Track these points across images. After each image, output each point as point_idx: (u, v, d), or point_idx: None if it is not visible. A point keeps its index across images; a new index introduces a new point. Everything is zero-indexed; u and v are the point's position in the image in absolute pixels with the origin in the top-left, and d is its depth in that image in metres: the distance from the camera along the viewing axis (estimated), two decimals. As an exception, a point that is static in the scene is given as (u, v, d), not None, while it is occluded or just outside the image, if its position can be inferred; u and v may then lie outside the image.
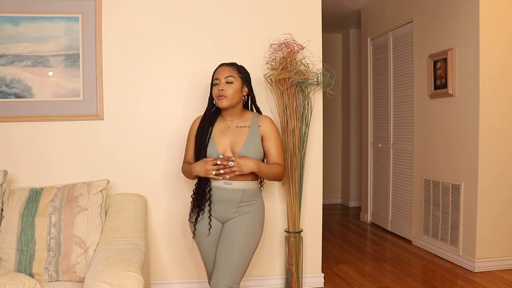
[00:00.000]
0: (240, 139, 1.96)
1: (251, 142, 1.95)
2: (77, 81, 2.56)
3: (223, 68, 2.01)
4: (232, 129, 2.00)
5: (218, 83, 1.98)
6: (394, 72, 4.30)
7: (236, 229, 1.93)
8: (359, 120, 5.77)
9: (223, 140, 1.97)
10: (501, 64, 3.12)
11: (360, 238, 4.25)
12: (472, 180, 3.17)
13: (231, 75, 1.98)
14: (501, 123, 3.14)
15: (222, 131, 2.00)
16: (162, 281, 2.69)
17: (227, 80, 1.97)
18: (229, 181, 1.92)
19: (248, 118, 2.04)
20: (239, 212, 1.96)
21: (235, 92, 1.97)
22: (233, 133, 1.98)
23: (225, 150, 1.95)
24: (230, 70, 1.99)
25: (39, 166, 2.54)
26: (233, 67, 2.03)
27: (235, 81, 1.98)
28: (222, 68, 2.02)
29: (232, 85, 1.97)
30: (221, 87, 1.95)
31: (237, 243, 1.90)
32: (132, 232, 2.00)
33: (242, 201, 1.95)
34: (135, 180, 2.63)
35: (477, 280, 2.98)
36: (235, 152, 1.94)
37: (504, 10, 3.11)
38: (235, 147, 1.95)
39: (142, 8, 2.63)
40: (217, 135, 1.98)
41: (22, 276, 1.66)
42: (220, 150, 1.94)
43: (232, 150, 1.95)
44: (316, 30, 2.77)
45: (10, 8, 2.49)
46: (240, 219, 1.95)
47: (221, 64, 2.06)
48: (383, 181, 4.54)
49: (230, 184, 1.92)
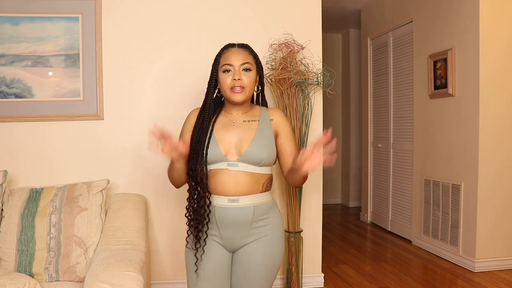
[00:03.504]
0: (248, 135, 1.55)
1: (261, 139, 1.55)
2: (77, 81, 2.56)
3: (236, 51, 1.57)
4: (237, 124, 1.59)
5: (231, 70, 1.55)
6: (394, 72, 4.30)
7: (251, 262, 1.54)
8: (359, 120, 5.76)
9: (226, 137, 1.56)
10: (501, 64, 3.12)
11: (360, 238, 4.25)
12: (472, 180, 3.17)
13: (248, 61, 1.56)
14: (501, 123, 3.14)
15: (225, 127, 1.59)
16: (162, 281, 2.69)
17: (244, 67, 1.55)
18: (234, 198, 1.51)
19: (256, 112, 1.65)
20: (252, 235, 1.55)
21: (253, 83, 1.58)
22: (239, 129, 1.58)
23: (229, 149, 1.54)
24: (247, 55, 1.57)
25: (39, 166, 2.54)
26: (248, 50, 1.61)
27: (253, 68, 1.58)
28: (235, 51, 1.58)
29: (250, 74, 1.56)
30: (237, 76, 1.53)
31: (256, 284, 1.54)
32: (132, 232, 2.00)
33: (254, 221, 1.53)
34: (135, 180, 2.63)
35: (477, 280, 2.98)
36: (241, 151, 1.53)
37: (504, 10, 3.11)
38: (242, 145, 1.53)
39: (142, 8, 2.63)
40: (219, 132, 1.58)
41: (22, 276, 1.65)
42: (222, 150, 1.53)
43: (238, 149, 1.54)
44: (316, 30, 2.77)
45: (10, 8, 2.49)
46: (255, 247, 1.54)
47: (230, 45, 1.62)
48: (383, 181, 4.54)
49: (236, 201, 1.50)
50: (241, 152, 1.52)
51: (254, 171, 1.52)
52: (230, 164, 1.52)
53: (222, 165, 1.52)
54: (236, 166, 1.51)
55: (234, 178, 1.50)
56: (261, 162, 1.53)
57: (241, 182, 1.50)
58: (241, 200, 1.51)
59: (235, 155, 1.53)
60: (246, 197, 1.51)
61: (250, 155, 1.51)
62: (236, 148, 1.53)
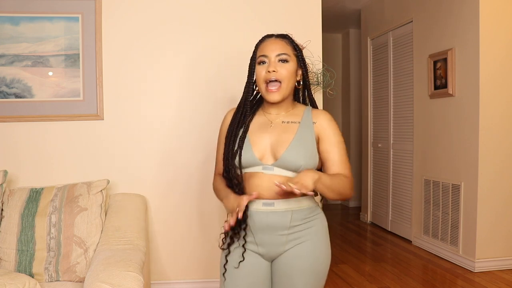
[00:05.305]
0: (286, 138, 1.41)
1: (300, 143, 1.40)
2: (77, 81, 2.56)
3: (272, 41, 1.45)
4: (275, 124, 1.45)
5: (266, 62, 1.42)
6: (394, 72, 4.30)
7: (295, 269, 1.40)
8: (359, 120, 5.76)
9: (261, 139, 1.43)
10: (501, 64, 3.12)
11: (360, 238, 4.25)
12: (472, 180, 3.17)
13: (286, 52, 1.43)
14: (501, 123, 3.14)
15: (262, 128, 1.46)
16: (162, 281, 2.69)
17: (280, 58, 1.41)
18: (269, 201, 1.38)
19: (299, 112, 1.48)
20: (292, 241, 1.41)
21: (290, 76, 1.42)
22: (277, 130, 1.43)
23: (264, 153, 1.41)
24: (284, 46, 1.44)
25: (39, 166, 2.54)
26: (287, 40, 1.47)
27: (291, 60, 1.43)
28: (271, 41, 1.45)
29: (287, 66, 1.42)
30: (272, 68, 1.40)
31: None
32: (132, 232, 1.99)
33: (292, 227, 1.40)
34: (135, 180, 2.63)
35: (477, 280, 2.98)
36: (277, 156, 1.39)
37: (504, 10, 3.11)
38: (278, 149, 1.40)
39: (142, 7, 2.63)
40: (254, 133, 1.45)
41: (22, 276, 1.65)
42: (257, 154, 1.40)
43: (274, 153, 1.40)
44: (316, 30, 2.77)
45: (10, 8, 2.49)
46: (297, 252, 1.41)
47: (268, 36, 1.49)
48: (383, 181, 4.54)
49: (271, 205, 1.38)
50: (277, 156, 1.39)
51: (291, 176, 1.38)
52: (265, 168, 1.40)
53: (257, 169, 1.41)
54: (272, 170, 1.39)
55: (268, 182, 1.38)
56: (299, 169, 1.38)
57: (276, 187, 1.34)
58: (276, 204, 1.39)
59: (270, 159, 1.40)
60: (282, 202, 1.39)
61: (286, 161, 1.38)
62: (272, 152, 1.41)
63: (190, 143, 2.68)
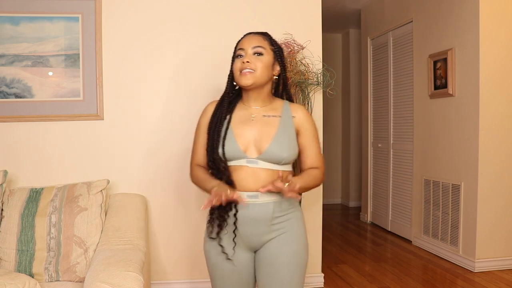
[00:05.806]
0: (268, 132, 1.48)
1: (283, 137, 1.48)
2: (77, 81, 2.56)
3: (250, 37, 1.55)
4: (257, 118, 1.52)
5: (243, 55, 1.51)
6: (394, 72, 4.30)
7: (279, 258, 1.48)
8: (359, 120, 5.76)
9: (245, 132, 1.49)
10: (501, 64, 3.12)
11: (360, 238, 4.25)
12: (472, 180, 3.17)
13: (261, 45, 1.51)
14: (501, 123, 3.14)
15: (244, 121, 1.52)
16: (162, 281, 2.69)
17: (255, 50, 1.50)
18: (253, 193, 1.45)
19: (278, 107, 1.57)
20: (274, 231, 1.49)
21: (264, 67, 1.50)
22: (259, 124, 1.50)
23: (248, 146, 1.47)
24: (260, 40, 1.53)
25: (39, 166, 2.54)
26: (264, 36, 1.56)
27: (266, 53, 1.52)
28: (249, 37, 1.55)
29: (262, 58, 1.50)
30: (247, 59, 1.48)
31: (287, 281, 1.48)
32: (132, 232, 1.99)
33: (275, 217, 1.48)
34: (135, 180, 2.63)
35: (477, 280, 2.98)
36: (261, 149, 1.46)
37: (504, 10, 3.11)
38: (262, 142, 1.47)
39: (142, 7, 2.63)
40: (237, 126, 1.51)
41: (22, 276, 1.65)
42: (241, 147, 1.46)
43: (258, 146, 1.47)
44: (316, 30, 2.77)
45: (10, 8, 2.49)
46: (279, 242, 1.49)
47: (247, 33, 1.59)
48: (383, 181, 4.54)
49: (255, 197, 1.45)
50: (261, 150, 1.46)
51: (274, 168, 1.47)
52: (249, 161, 1.46)
53: (241, 162, 1.46)
54: (256, 163, 1.45)
55: (253, 175, 1.45)
56: (282, 161, 1.47)
57: (260, 179, 1.44)
58: (260, 196, 1.45)
59: (254, 152, 1.47)
60: (265, 194, 1.45)
61: (270, 154, 1.45)
62: (256, 145, 1.47)
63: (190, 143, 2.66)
